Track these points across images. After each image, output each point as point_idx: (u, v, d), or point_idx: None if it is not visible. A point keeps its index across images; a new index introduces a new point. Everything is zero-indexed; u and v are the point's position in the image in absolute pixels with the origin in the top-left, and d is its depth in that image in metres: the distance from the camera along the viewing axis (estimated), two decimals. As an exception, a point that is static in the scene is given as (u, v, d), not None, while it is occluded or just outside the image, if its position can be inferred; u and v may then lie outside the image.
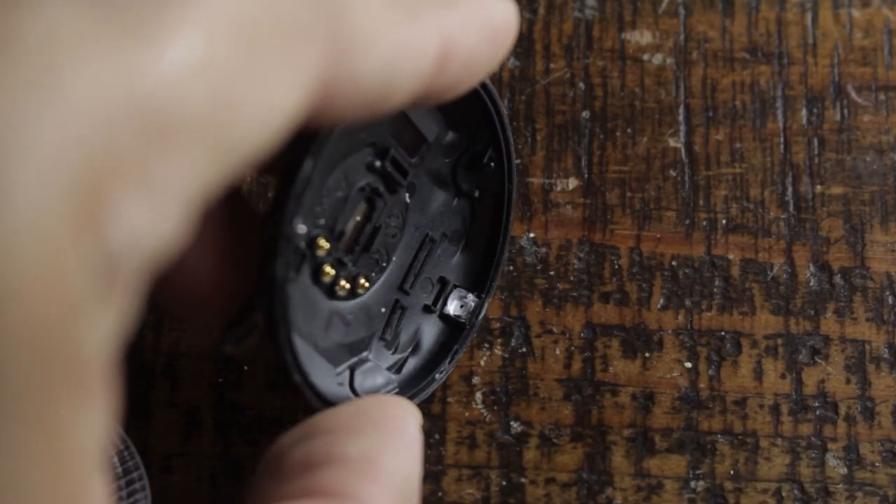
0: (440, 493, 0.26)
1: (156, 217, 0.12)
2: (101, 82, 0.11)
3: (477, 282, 0.25)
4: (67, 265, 0.11)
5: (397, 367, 0.24)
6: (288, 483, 0.18)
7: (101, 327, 0.12)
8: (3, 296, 0.11)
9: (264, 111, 0.13)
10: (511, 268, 0.27)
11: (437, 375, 0.24)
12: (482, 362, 0.27)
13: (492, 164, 0.24)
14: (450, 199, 0.25)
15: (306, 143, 0.18)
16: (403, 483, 0.18)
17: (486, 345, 0.27)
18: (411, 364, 0.24)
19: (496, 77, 0.29)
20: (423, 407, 0.26)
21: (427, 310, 0.25)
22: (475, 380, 0.27)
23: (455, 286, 0.25)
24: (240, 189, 0.28)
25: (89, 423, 0.12)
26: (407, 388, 0.24)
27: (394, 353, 0.24)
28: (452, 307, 0.25)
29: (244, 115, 0.13)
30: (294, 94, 0.14)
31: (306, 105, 0.14)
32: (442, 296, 0.25)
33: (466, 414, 0.26)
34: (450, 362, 0.25)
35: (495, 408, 0.26)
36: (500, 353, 0.27)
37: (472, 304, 0.25)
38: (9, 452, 0.11)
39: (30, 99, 0.11)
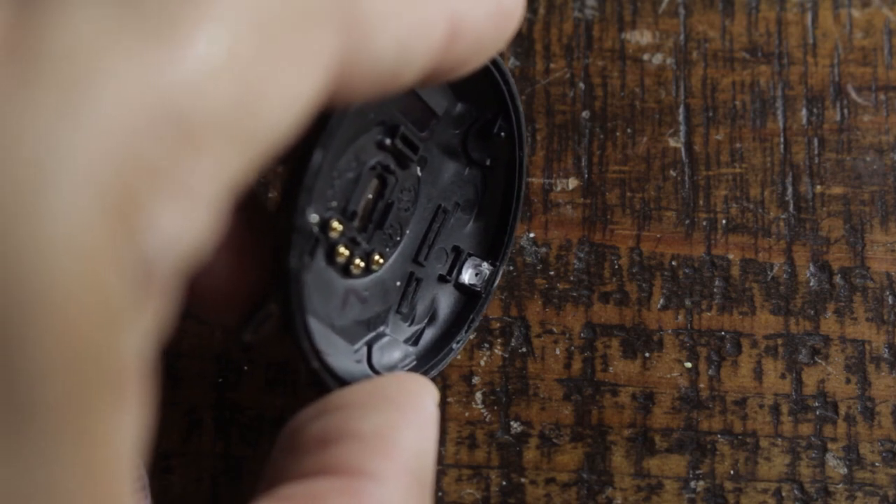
0: (440, 493, 0.26)
1: (188, 219, 0.12)
2: (129, 90, 0.11)
3: (491, 250, 0.25)
4: (105, 275, 0.11)
5: (414, 339, 0.24)
6: (302, 459, 0.18)
7: (138, 332, 0.12)
8: (43, 309, 0.11)
9: (286, 100, 0.13)
10: (511, 268, 0.27)
11: (454, 345, 0.24)
12: (482, 362, 0.27)
13: (502, 133, 0.24)
14: (461, 168, 0.24)
15: (316, 130, 0.18)
16: (417, 460, 0.18)
17: (486, 345, 0.27)
18: (428, 335, 0.25)
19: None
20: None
21: (442, 280, 0.25)
22: (475, 380, 0.27)
23: (469, 255, 0.25)
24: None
25: (125, 429, 0.12)
26: (425, 360, 0.24)
27: (410, 324, 0.24)
28: (467, 276, 0.25)
29: (267, 107, 0.13)
30: (314, 79, 0.14)
31: (325, 88, 0.14)
32: (456, 265, 0.25)
33: (466, 414, 0.26)
34: (466, 331, 0.25)
35: (495, 408, 0.26)
36: (500, 353, 0.27)
37: (487, 272, 0.25)
38: (48, 461, 0.11)
39: (61, 115, 0.11)
